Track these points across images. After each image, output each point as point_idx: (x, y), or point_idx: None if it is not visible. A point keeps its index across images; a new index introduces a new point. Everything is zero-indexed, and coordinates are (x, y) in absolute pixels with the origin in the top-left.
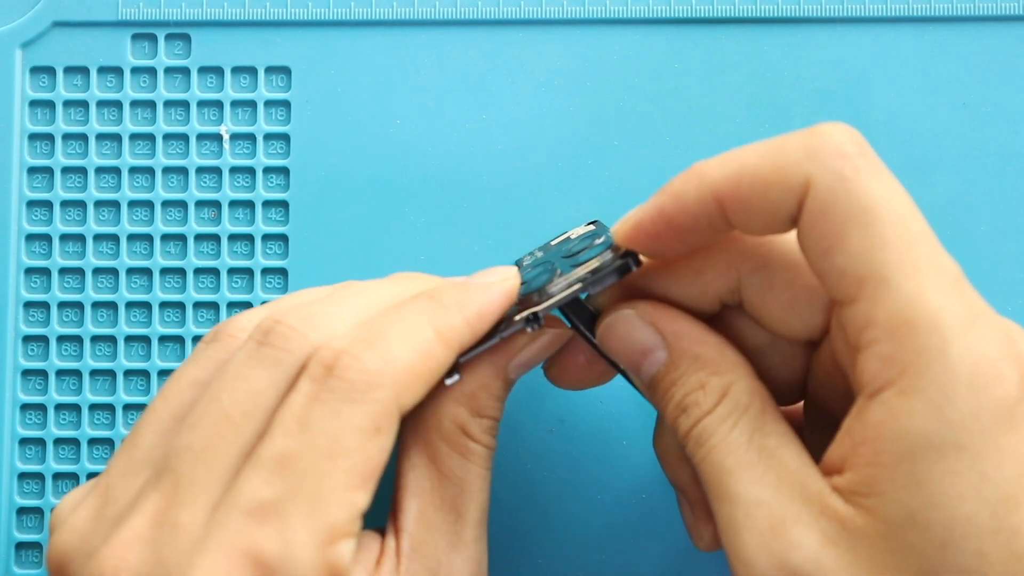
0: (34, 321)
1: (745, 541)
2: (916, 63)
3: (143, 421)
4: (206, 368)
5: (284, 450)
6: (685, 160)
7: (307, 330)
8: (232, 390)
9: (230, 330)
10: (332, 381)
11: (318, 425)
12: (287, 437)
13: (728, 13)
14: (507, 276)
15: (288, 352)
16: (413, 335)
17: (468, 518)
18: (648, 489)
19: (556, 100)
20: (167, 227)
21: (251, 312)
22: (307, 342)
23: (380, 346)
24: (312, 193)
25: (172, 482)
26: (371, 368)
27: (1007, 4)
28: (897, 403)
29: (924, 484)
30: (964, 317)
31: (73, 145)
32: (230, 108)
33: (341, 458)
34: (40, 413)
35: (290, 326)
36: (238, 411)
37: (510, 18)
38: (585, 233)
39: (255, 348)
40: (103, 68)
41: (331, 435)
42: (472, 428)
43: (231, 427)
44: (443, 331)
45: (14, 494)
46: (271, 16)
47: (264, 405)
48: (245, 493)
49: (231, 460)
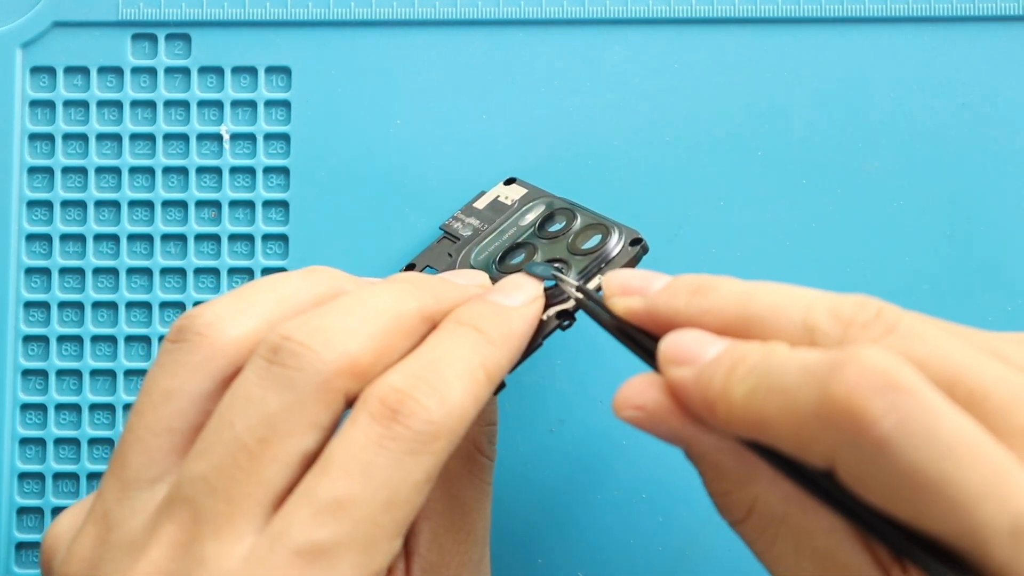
0: (34, 321)
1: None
2: (916, 63)
3: (125, 441)
4: (177, 375)
5: (343, 492)
6: (685, 160)
7: (319, 347)
8: (245, 415)
9: (196, 327)
10: (397, 428)
11: (381, 475)
12: (348, 479)
13: (728, 13)
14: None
15: (301, 371)
16: (469, 378)
17: (476, 537)
18: (648, 489)
19: (556, 100)
20: (167, 227)
21: (213, 304)
22: (320, 360)
23: (442, 391)
24: (312, 193)
25: (189, 514)
26: (435, 419)
27: (1007, 4)
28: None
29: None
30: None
31: (73, 145)
32: (230, 108)
33: (396, 510)
34: (40, 413)
35: (300, 343)
36: (253, 439)
37: (510, 18)
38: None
39: (265, 367)
40: (103, 68)
41: (393, 486)
42: (482, 441)
43: (248, 457)
44: (492, 371)
45: (14, 494)
46: (271, 16)
47: (280, 430)
48: (296, 531)
49: (254, 489)
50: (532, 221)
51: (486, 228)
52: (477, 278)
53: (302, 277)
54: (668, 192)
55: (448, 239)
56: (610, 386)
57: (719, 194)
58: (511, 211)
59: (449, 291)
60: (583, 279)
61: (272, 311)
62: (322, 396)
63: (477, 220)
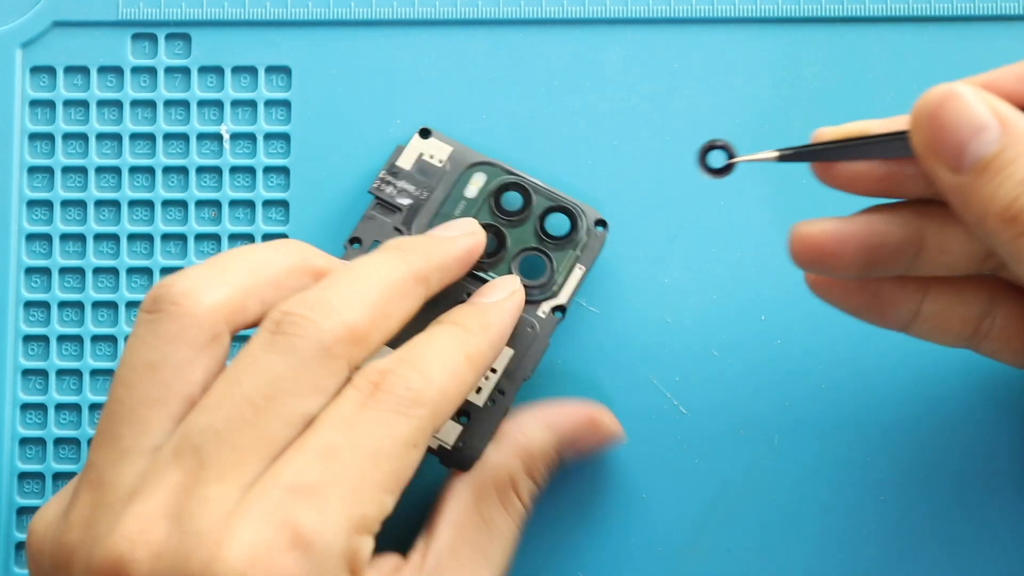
0: (34, 321)
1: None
2: (916, 63)
3: (115, 413)
4: (158, 348)
5: (331, 442)
6: (684, 160)
7: (319, 317)
8: (252, 375)
9: (172, 297)
10: (380, 394)
11: (366, 427)
12: (335, 431)
13: (728, 13)
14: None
15: (303, 338)
16: (448, 359)
17: (491, 562)
18: (648, 489)
19: (556, 100)
20: (167, 227)
21: (187, 273)
22: (320, 328)
23: (421, 368)
24: (312, 193)
25: (195, 460)
26: (415, 387)
27: (1007, 4)
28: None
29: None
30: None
31: (73, 145)
32: (230, 108)
33: (383, 461)
34: (40, 413)
35: (301, 315)
36: (260, 396)
37: (510, 18)
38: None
39: (269, 338)
40: (103, 68)
41: (376, 438)
42: (520, 485)
43: (254, 411)
44: (472, 354)
45: (14, 494)
46: (271, 16)
47: (285, 389)
48: (288, 472)
49: (257, 442)
50: (480, 194)
51: (426, 196)
52: (466, 226)
53: (273, 248)
54: (668, 192)
55: (382, 205)
56: (610, 386)
57: (719, 194)
58: (447, 177)
59: (438, 248)
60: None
61: (245, 279)
62: (324, 362)
63: (410, 185)
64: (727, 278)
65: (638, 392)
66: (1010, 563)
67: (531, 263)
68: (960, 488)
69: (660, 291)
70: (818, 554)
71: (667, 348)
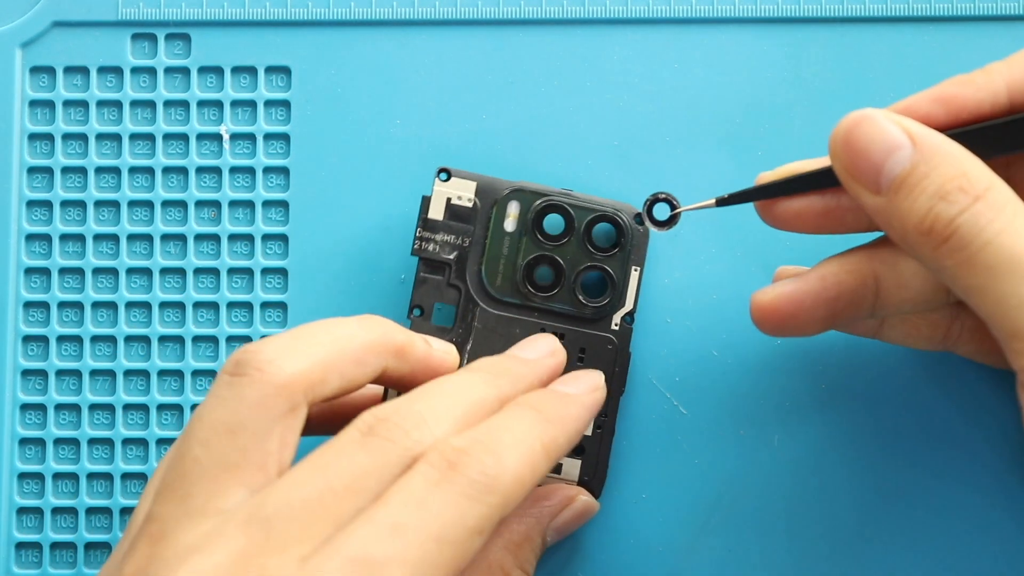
0: (34, 321)
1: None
2: (916, 63)
3: (189, 471)
4: (236, 411)
5: (400, 518)
6: (684, 160)
7: (410, 427)
8: (337, 464)
9: (256, 363)
10: (454, 475)
11: (435, 509)
12: (405, 508)
13: (728, 13)
14: (596, 386)
15: (394, 443)
16: (525, 447)
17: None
18: (648, 489)
19: (556, 100)
20: (167, 227)
21: (272, 341)
22: (410, 439)
23: (497, 453)
24: (312, 193)
25: (263, 530)
26: (489, 472)
27: (1007, 4)
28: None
29: None
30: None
31: (73, 145)
32: (230, 108)
33: (447, 545)
34: (40, 413)
35: (396, 424)
36: (342, 484)
37: (510, 18)
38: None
39: (360, 437)
40: (103, 68)
41: (445, 523)
42: (508, 566)
43: (333, 497)
44: (548, 445)
45: (14, 494)
46: (271, 16)
47: (367, 486)
48: (353, 542)
49: (327, 526)
50: (519, 225)
51: (468, 244)
52: (547, 346)
53: (357, 323)
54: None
55: (429, 264)
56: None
57: (719, 194)
58: (481, 214)
59: (524, 375)
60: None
61: (328, 353)
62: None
63: (449, 235)
64: (727, 278)
65: (638, 392)
66: (1010, 562)
67: (589, 277)
68: (963, 488)
69: (660, 291)
70: (818, 554)
71: (667, 348)
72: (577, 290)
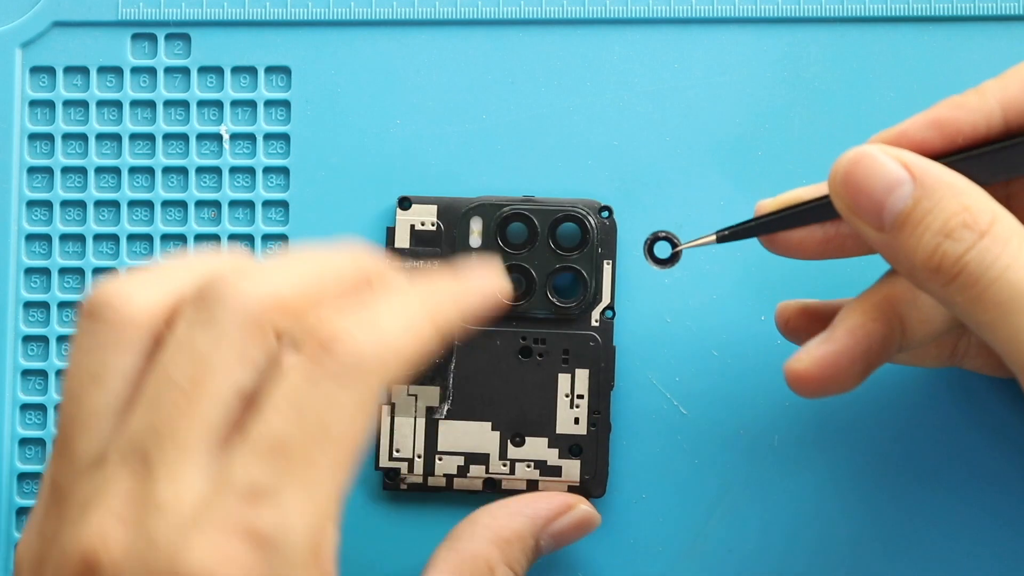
0: (34, 321)
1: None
2: (916, 63)
3: (66, 427)
4: (99, 359)
5: (279, 434)
6: (684, 160)
7: (244, 286)
8: (177, 361)
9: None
10: (327, 361)
11: (312, 411)
12: (281, 420)
13: (728, 13)
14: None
15: (224, 308)
16: (406, 312)
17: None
18: (648, 489)
19: (556, 100)
20: (167, 227)
21: (123, 277)
22: (243, 295)
23: (372, 323)
24: (312, 193)
25: (141, 462)
26: (366, 351)
27: (1007, 4)
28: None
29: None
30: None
31: (73, 145)
32: (230, 108)
33: (333, 446)
34: (40, 413)
35: (224, 283)
36: (187, 380)
37: (510, 18)
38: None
39: (192, 313)
40: (103, 68)
41: (325, 423)
42: (498, 571)
43: (185, 398)
44: (434, 313)
45: (14, 494)
46: (271, 16)
47: (210, 367)
48: (239, 476)
49: (195, 432)
50: (484, 239)
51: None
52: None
53: (210, 255)
54: (668, 192)
55: None
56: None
57: (719, 194)
58: (445, 235)
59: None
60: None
61: (183, 279)
62: (249, 331)
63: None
64: (727, 278)
65: (638, 392)
66: (1009, 560)
67: (562, 279)
68: (962, 488)
69: (660, 291)
70: (818, 554)
71: (667, 348)
72: (550, 293)
